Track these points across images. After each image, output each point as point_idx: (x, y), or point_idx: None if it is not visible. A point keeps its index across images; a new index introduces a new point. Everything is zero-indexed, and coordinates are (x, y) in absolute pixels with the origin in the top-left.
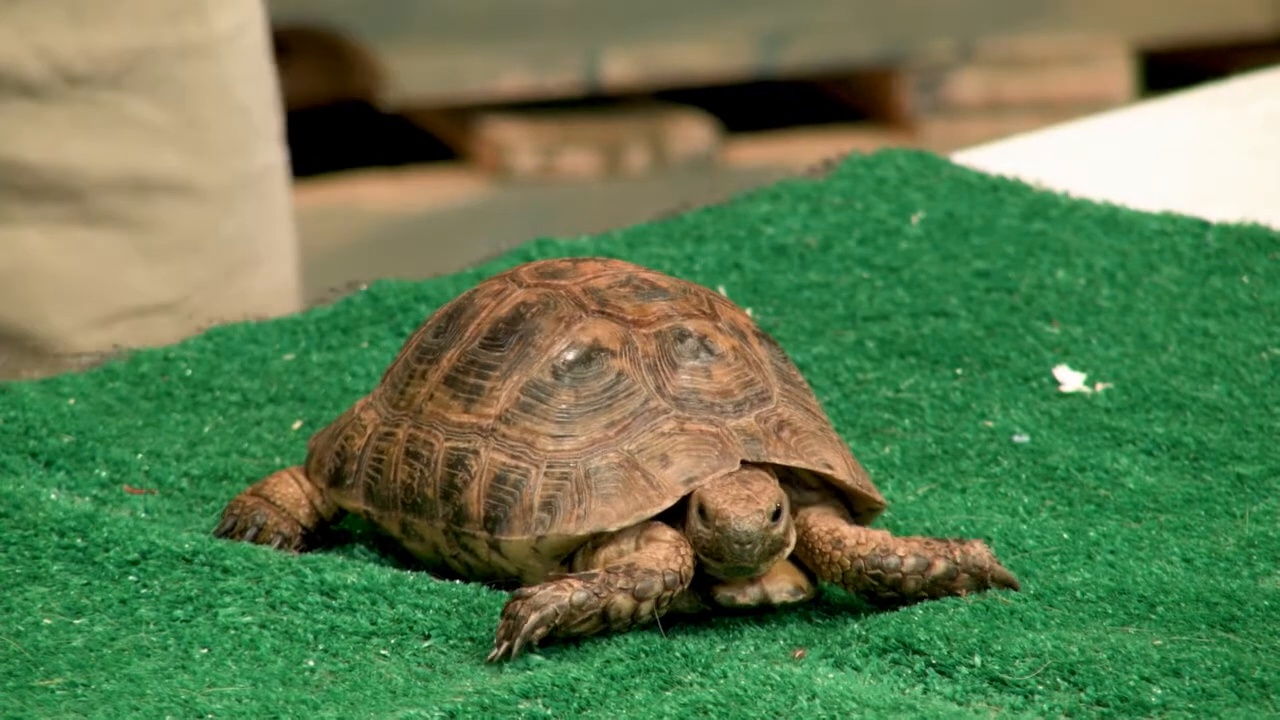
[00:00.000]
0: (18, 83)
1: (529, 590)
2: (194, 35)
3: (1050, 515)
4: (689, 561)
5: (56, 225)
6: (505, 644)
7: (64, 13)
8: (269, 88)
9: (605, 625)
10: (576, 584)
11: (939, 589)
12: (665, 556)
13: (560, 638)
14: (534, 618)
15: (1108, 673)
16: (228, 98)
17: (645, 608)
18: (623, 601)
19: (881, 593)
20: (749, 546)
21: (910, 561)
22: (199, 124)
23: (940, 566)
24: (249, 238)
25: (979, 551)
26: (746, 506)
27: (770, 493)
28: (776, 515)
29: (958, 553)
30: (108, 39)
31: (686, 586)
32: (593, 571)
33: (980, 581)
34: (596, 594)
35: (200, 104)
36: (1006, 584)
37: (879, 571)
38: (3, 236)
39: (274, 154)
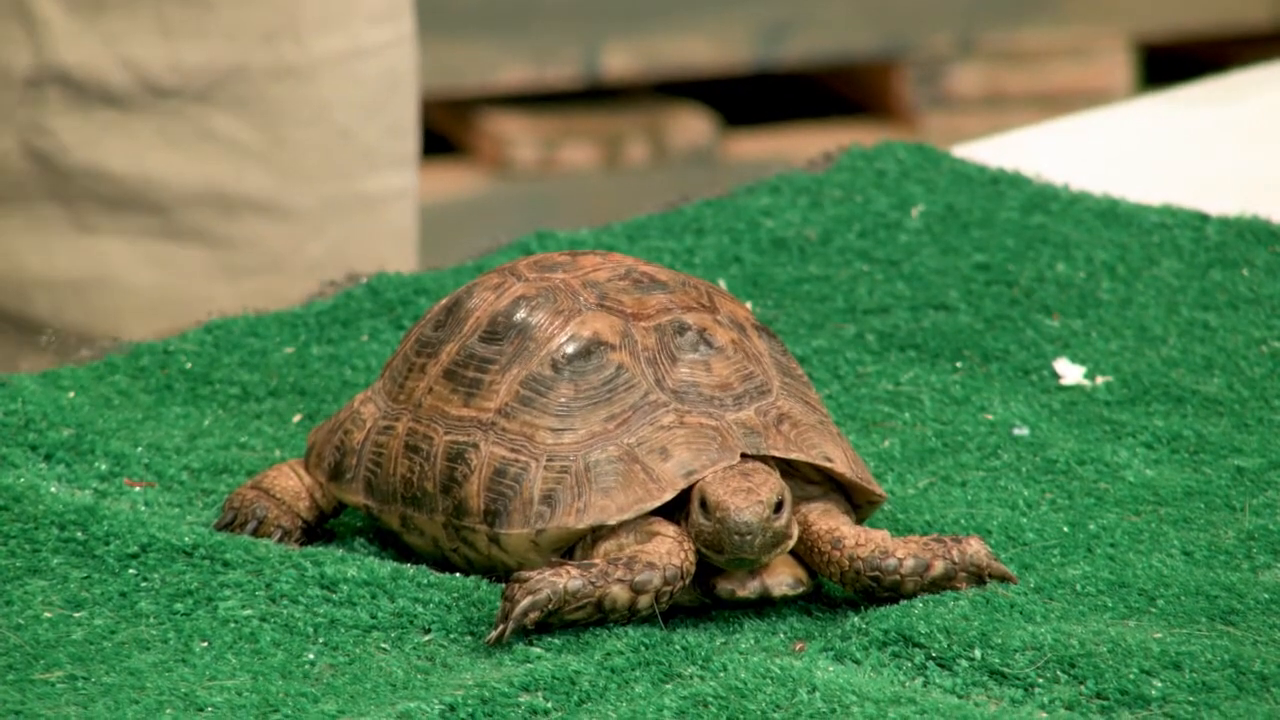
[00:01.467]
0: (102, 91)
1: (526, 574)
2: (289, 56)
3: (1050, 508)
4: (691, 557)
5: (139, 236)
6: (500, 626)
7: (153, 24)
8: (394, 116)
9: (601, 615)
10: (574, 571)
11: (937, 589)
12: (668, 551)
13: (556, 624)
14: (526, 601)
15: (1108, 665)
16: (325, 121)
17: (643, 601)
18: (619, 593)
19: (879, 593)
20: (749, 538)
21: (909, 564)
22: (289, 144)
23: (939, 567)
24: (344, 261)
25: (976, 550)
26: (747, 498)
27: (772, 485)
28: (778, 507)
29: (955, 552)
30: (197, 53)
31: (688, 582)
32: (592, 561)
33: (978, 579)
34: (592, 583)
35: (292, 125)
36: (1004, 579)
37: (877, 573)
38: (84, 244)
39: (391, 180)
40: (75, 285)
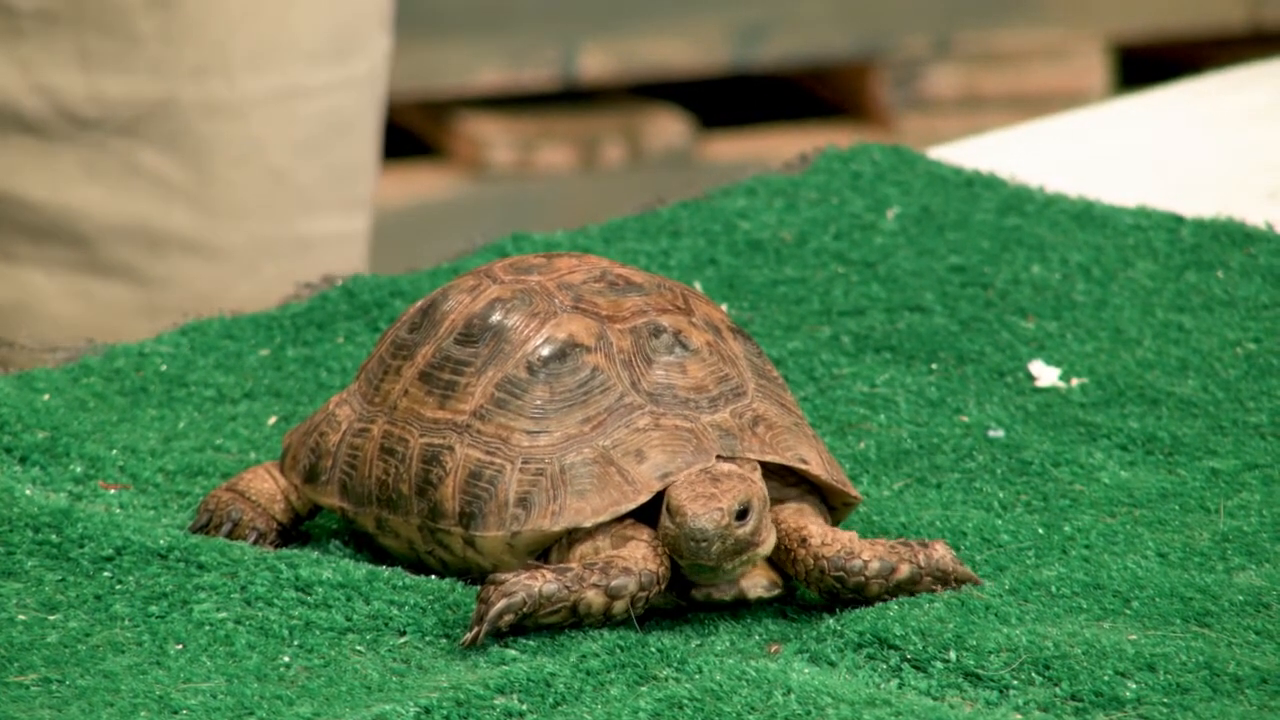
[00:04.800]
0: (16, 119)
1: (502, 576)
2: (219, 93)
3: (1025, 510)
4: (666, 562)
5: (62, 269)
6: (475, 629)
7: (72, 54)
8: (339, 158)
9: (576, 619)
10: (549, 575)
11: (902, 592)
12: (643, 556)
13: (530, 627)
14: (501, 604)
15: (1082, 667)
16: (256, 160)
17: (619, 606)
18: (594, 598)
19: (844, 594)
20: (704, 544)
21: (874, 565)
22: (217, 182)
23: (905, 571)
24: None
25: (942, 554)
26: (706, 504)
27: (738, 491)
28: (742, 515)
29: (921, 556)
30: (120, 86)
31: (664, 587)
32: (568, 565)
33: (944, 583)
34: (568, 587)
35: (222, 163)
36: (969, 583)
37: (842, 574)
38: (7, 272)
39: (332, 224)
40: None
